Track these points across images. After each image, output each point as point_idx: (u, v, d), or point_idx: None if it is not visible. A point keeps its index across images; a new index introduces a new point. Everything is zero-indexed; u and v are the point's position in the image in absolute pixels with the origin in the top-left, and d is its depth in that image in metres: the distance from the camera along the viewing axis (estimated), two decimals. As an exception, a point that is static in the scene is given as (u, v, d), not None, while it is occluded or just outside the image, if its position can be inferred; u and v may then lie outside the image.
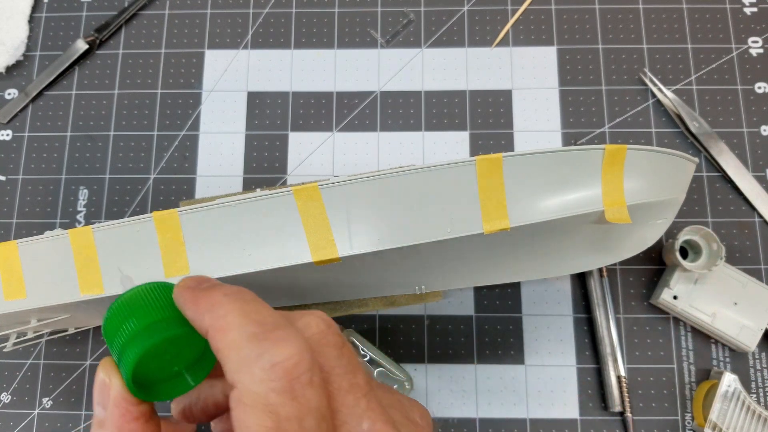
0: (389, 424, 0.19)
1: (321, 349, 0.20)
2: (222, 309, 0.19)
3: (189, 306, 0.20)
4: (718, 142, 0.43)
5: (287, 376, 0.17)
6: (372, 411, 0.19)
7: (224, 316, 0.19)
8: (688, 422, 0.39)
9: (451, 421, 0.40)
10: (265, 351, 0.18)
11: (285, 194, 0.27)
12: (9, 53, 0.46)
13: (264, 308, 0.20)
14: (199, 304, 0.20)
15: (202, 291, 0.20)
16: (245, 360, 0.18)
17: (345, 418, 0.19)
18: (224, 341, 0.18)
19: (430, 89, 0.46)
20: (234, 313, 0.19)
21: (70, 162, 0.45)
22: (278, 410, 0.17)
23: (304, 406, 0.18)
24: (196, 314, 0.20)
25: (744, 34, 0.46)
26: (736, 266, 0.40)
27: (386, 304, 0.39)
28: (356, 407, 0.19)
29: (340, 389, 0.19)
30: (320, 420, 0.18)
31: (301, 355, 0.18)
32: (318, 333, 0.20)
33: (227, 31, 0.47)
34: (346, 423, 0.19)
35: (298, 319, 0.20)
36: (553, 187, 0.28)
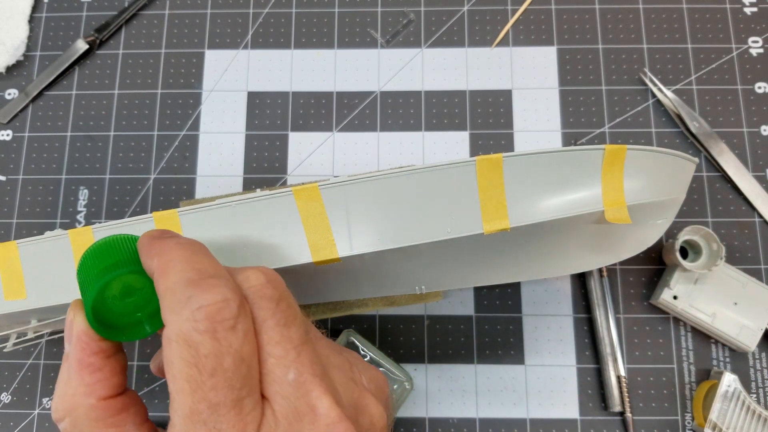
0: (317, 377, 0.20)
1: (257, 301, 0.21)
2: (168, 254, 0.21)
3: (144, 251, 0.22)
4: (718, 142, 0.43)
5: (210, 319, 0.19)
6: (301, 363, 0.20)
7: (168, 261, 0.20)
8: (688, 422, 0.39)
9: (451, 421, 0.40)
10: (194, 295, 0.19)
11: (285, 194, 0.27)
12: (9, 53, 0.46)
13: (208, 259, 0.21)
14: (152, 249, 0.21)
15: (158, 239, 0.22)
16: (177, 301, 0.19)
17: (272, 368, 0.20)
18: (164, 284, 0.20)
19: (430, 89, 0.46)
20: (177, 259, 0.20)
21: (70, 162, 0.45)
22: (198, 347, 0.19)
23: (224, 347, 0.19)
24: (147, 258, 0.22)
25: (744, 34, 0.46)
26: (736, 266, 0.40)
27: (386, 304, 0.39)
28: (284, 358, 0.20)
29: (270, 340, 0.20)
30: (239, 362, 0.19)
31: (227, 302, 0.19)
32: (256, 286, 0.21)
33: (227, 31, 0.47)
34: (273, 372, 0.20)
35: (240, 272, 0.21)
36: (553, 187, 0.28)
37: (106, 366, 0.22)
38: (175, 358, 0.19)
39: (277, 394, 0.20)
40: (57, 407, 0.22)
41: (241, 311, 0.20)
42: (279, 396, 0.20)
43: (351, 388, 0.22)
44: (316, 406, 0.20)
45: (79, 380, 0.21)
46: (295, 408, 0.20)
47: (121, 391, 0.22)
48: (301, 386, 0.20)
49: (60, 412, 0.21)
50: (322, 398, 0.20)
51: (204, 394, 0.19)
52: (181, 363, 0.19)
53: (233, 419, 0.19)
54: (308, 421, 0.20)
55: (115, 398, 0.22)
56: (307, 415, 0.20)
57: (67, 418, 0.21)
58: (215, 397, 0.19)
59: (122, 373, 0.22)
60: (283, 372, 0.20)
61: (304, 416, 0.20)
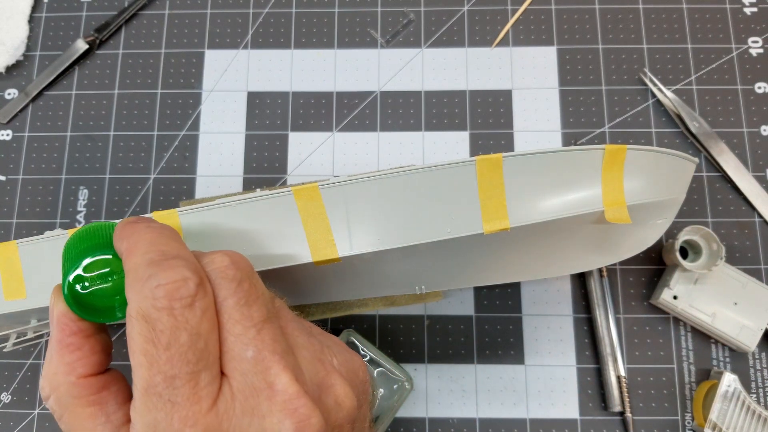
0: (277, 354, 0.21)
1: (219, 282, 0.21)
2: (136, 236, 0.22)
3: (116, 234, 0.23)
4: (718, 142, 0.43)
5: (167, 297, 0.19)
6: (260, 341, 0.21)
7: (135, 243, 0.21)
8: (688, 422, 0.39)
9: (451, 421, 0.40)
10: (154, 273, 0.20)
11: (285, 194, 0.27)
12: (9, 53, 0.46)
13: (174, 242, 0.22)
14: (123, 232, 0.22)
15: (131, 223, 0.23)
16: (138, 279, 0.20)
17: (231, 345, 0.20)
18: (129, 263, 0.21)
19: (430, 89, 0.46)
20: (143, 241, 0.21)
21: (70, 162, 0.45)
22: (155, 323, 0.19)
23: (180, 323, 0.19)
24: (118, 241, 0.22)
25: (744, 34, 0.46)
26: (736, 266, 0.40)
27: (386, 304, 0.39)
28: (243, 336, 0.21)
29: (230, 318, 0.21)
30: (196, 337, 0.20)
31: (185, 281, 0.20)
32: (219, 267, 0.21)
33: (227, 31, 0.47)
34: (232, 350, 0.20)
35: (206, 256, 0.22)
36: (553, 187, 0.28)
37: (86, 345, 0.22)
38: (134, 333, 0.20)
39: (235, 370, 0.20)
40: (43, 385, 0.22)
41: (199, 290, 0.20)
42: (237, 372, 0.20)
43: (317, 367, 0.22)
44: (274, 383, 0.20)
45: (59, 359, 0.22)
46: (252, 384, 0.20)
47: (102, 370, 0.23)
48: (259, 363, 0.20)
49: (46, 390, 0.22)
50: (281, 375, 0.20)
51: (159, 367, 0.19)
52: (139, 338, 0.19)
53: (188, 392, 0.19)
54: (265, 397, 0.20)
55: (96, 376, 0.22)
56: (264, 391, 0.20)
57: (52, 396, 0.22)
58: (170, 370, 0.19)
59: (103, 352, 0.23)
60: (242, 349, 0.20)
61: (261, 392, 0.20)
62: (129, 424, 0.21)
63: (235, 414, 0.20)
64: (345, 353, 0.25)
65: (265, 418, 0.20)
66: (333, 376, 0.23)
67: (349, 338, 0.38)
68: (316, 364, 0.23)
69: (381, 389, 0.38)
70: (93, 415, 0.21)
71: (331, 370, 0.23)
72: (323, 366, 0.23)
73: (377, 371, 0.38)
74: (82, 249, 0.23)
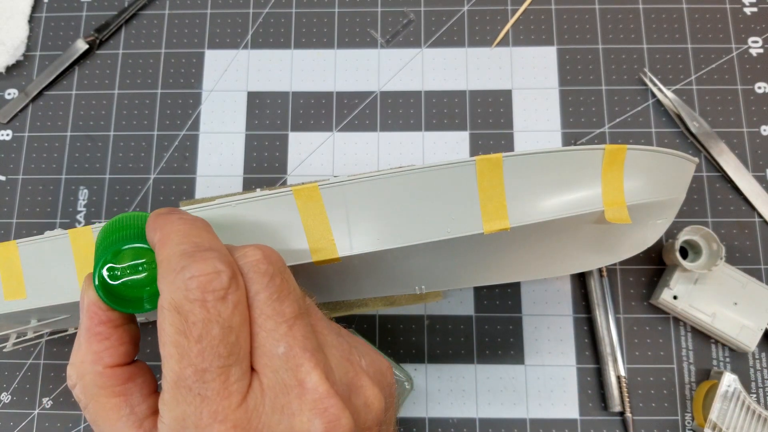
0: (308, 351, 0.20)
1: (251, 276, 0.21)
2: (169, 228, 0.22)
3: (149, 225, 0.23)
4: (718, 142, 0.43)
5: (201, 288, 0.19)
6: (292, 337, 0.20)
7: (168, 234, 0.21)
8: (688, 422, 0.39)
9: (451, 421, 0.40)
10: (188, 265, 0.20)
11: (285, 194, 0.27)
12: (9, 53, 0.46)
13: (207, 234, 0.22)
14: (156, 223, 0.22)
15: (163, 214, 0.23)
16: (171, 271, 0.20)
17: (263, 341, 0.20)
18: (162, 254, 0.21)
19: (430, 89, 0.46)
20: (176, 233, 0.21)
21: (70, 162, 0.45)
22: (187, 315, 0.19)
23: (213, 315, 0.19)
24: (150, 232, 0.22)
25: (744, 34, 0.46)
26: (736, 266, 0.40)
27: (386, 304, 0.39)
28: (275, 331, 0.20)
29: (262, 314, 0.20)
30: (227, 331, 0.19)
31: (218, 274, 0.20)
32: (252, 261, 0.21)
33: (227, 31, 0.47)
34: (263, 345, 0.20)
35: (239, 249, 0.22)
36: (553, 187, 0.28)
37: (114, 335, 0.22)
38: (166, 325, 0.19)
39: (266, 366, 0.20)
40: (70, 373, 0.22)
41: (232, 283, 0.20)
42: (267, 369, 0.20)
43: (346, 367, 0.22)
44: (305, 380, 0.20)
45: (87, 348, 0.22)
46: (283, 381, 0.20)
47: (129, 361, 0.23)
48: (290, 360, 0.20)
49: (72, 378, 0.22)
50: (312, 373, 0.20)
51: (190, 360, 0.19)
52: (170, 329, 0.19)
53: (218, 386, 0.19)
54: (295, 395, 0.20)
55: (122, 367, 0.22)
56: (294, 389, 0.20)
57: (78, 384, 0.22)
58: (201, 363, 0.19)
59: (131, 343, 0.23)
60: (273, 345, 0.20)
61: (292, 389, 0.20)
62: (153, 416, 0.21)
63: (264, 411, 0.20)
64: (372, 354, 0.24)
65: (295, 416, 0.20)
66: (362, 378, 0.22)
67: (349, 338, 0.38)
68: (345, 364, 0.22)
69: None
70: (118, 406, 0.21)
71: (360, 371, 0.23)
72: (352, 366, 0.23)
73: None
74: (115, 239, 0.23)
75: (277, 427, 0.19)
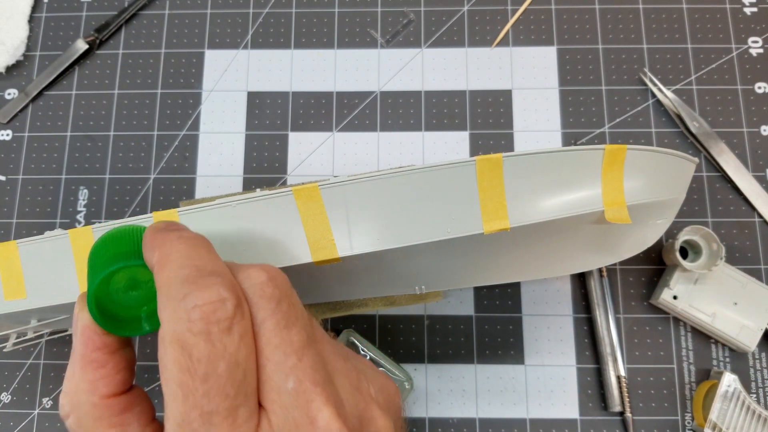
0: (319, 386, 0.19)
1: (257, 301, 0.20)
2: (168, 248, 0.20)
3: (146, 243, 0.21)
4: (718, 142, 0.43)
5: (205, 319, 0.18)
6: (301, 370, 0.19)
7: (168, 255, 0.20)
8: (688, 422, 0.39)
9: (451, 421, 0.40)
10: (190, 293, 0.18)
11: (285, 194, 0.27)
12: (9, 53, 0.46)
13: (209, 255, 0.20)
14: (154, 242, 0.21)
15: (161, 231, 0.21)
16: (172, 299, 0.19)
17: (271, 374, 0.19)
18: (161, 278, 0.20)
19: (430, 89, 0.46)
20: (177, 254, 0.20)
21: (70, 162, 0.45)
22: (192, 350, 0.18)
23: (219, 350, 0.18)
24: (148, 251, 0.21)
25: (744, 34, 0.46)
26: (736, 266, 0.40)
27: (386, 304, 0.39)
28: (284, 363, 0.19)
29: (269, 343, 0.19)
30: (234, 367, 0.18)
31: (223, 302, 0.18)
32: (257, 284, 0.20)
33: (227, 31, 0.47)
34: (272, 379, 0.19)
35: (242, 270, 0.20)
36: (553, 187, 0.28)
37: (110, 362, 0.21)
38: (168, 361, 0.18)
39: (274, 403, 0.19)
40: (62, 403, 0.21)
41: (237, 312, 0.19)
42: (277, 406, 0.19)
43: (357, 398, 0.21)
44: (316, 418, 0.19)
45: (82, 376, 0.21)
46: (294, 419, 0.19)
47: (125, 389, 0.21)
48: (300, 395, 0.19)
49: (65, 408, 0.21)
50: (323, 410, 0.19)
51: (196, 401, 0.18)
52: (174, 367, 0.18)
53: (226, 430, 0.18)
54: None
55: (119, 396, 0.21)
56: (305, 427, 0.19)
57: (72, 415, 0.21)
58: (207, 405, 0.18)
59: (127, 369, 0.21)
60: (282, 379, 0.19)
61: (303, 428, 0.19)
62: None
63: None
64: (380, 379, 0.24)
65: None
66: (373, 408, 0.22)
67: (349, 338, 0.38)
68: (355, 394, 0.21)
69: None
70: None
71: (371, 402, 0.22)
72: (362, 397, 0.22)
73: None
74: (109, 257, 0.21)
75: None
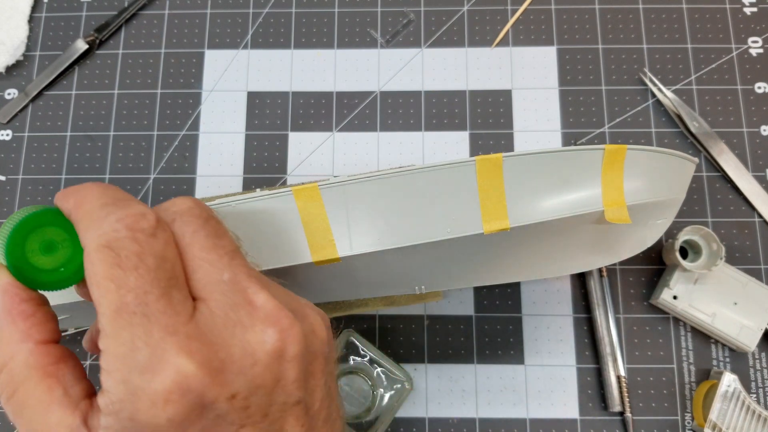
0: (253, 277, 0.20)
1: (186, 219, 0.21)
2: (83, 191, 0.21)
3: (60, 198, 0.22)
4: (718, 142, 0.43)
5: (129, 228, 0.19)
6: (236, 266, 0.20)
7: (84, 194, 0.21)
8: (688, 422, 0.39)
9: (451, 421, 0.40)
10: (111, 212, 0.20)
11: (285, 194, 0.27)
12: (9, 53, 0.46)
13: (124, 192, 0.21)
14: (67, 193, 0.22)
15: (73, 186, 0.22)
16: (95, 220, 0.20)
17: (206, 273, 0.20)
18: (80, 212, 0.20)
19: (430, 89, 0.46)
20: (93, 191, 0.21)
21: (70, 162, 0.45)
22: (120, 250, 0.19)
23: (146, 248, 0.19)
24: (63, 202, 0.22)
25: (744, 34, 0.46)
26: (736, 266, 0.40)
27: (386, 304, 0.39)
28: (218, 262, 0.20)
29: (203, 248, 0.20)
30: (162, 260, 0.19)
31: (144, 215, 0.20)
32: (184, 208, 0.21)
33: (227, 31, 0.47)
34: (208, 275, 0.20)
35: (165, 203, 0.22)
36: (553, 187, 0.28)
37: (39, 312, 0.21)
38: (96, 264, 0.19)
39: (212, 292, 0.20)
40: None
41: (159, 224, 0.20)
42: (215, 294, 0.20)
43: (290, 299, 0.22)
44: (254, 300, 0.20)
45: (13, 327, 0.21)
46: (233, 301, 0.20)
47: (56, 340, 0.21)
48: (237, 284, 0.20)
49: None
50: (260, 293, 0.20)
51: (129, 287, 0.19)
52: (103, 266, 0.19)
53: (163, 306, 0.19)
54: (246, 312, 0.20)
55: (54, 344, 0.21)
56: (244, 307, 0.20)
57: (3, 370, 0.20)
58: (141, 286, 0.19)
59: (55, 321, 0.22)
60: (218, 273, 0.20)
61: (241, 307, 0.20)
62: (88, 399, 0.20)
63: (216, 326, 0.19)
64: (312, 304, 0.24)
65: (248, 329, 0.20)
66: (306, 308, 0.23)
67: (349, 338, 0.38)
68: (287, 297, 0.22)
69: (381, 389, 0.38)
70: (50, 388, 0.20)
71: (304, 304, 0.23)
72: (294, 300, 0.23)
73: (377, 371, 0.38)
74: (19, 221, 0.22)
75: (232, 340, 0.19)
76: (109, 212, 0.20)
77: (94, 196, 0.21)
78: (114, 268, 0.19)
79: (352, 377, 0.38)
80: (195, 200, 0.22)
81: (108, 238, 0.19)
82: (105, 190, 0.21)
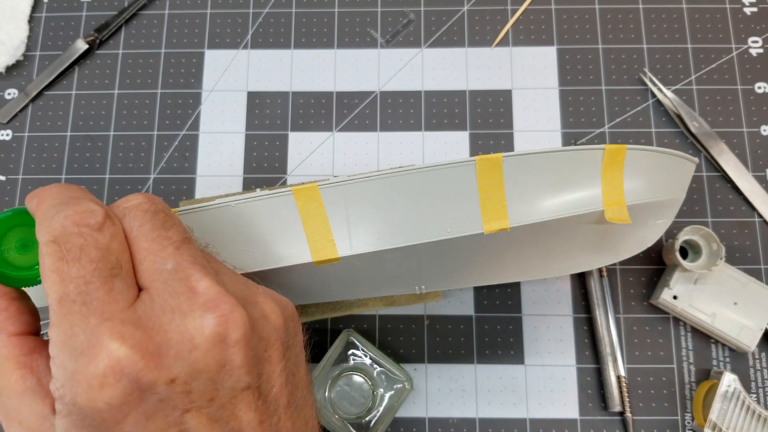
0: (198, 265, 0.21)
1: (134, 213, 0.22)
2: (45, 192, 0.22)
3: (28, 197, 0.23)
4: (718, 142, 0.43)
5: (76, 223, 0.20)
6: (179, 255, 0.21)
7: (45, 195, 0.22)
8: (688, 422, 0.39)
9: (451, 421, 0.40)
10: (61, 210, 0.21)
11: (285, 194, 0.27)
12: (9, 53, 0.46)
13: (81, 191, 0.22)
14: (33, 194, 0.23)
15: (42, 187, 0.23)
16: (47, 218, 0.21)
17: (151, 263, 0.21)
18: (38, 212, 0.21)
19: (430, 89, 0.46)
20: (51, 191, 0.22)
21: (70, 162, 0.45)
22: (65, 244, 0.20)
23: (90, 242, 0.20)
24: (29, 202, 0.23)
25: (744, 34, 0.46)
26: (736, 266, 0.40)
27: (386, 304, 0.39)
28: (162, 252, 0.21)
29: (147, 239, 0.21)
30: (106, 252, 0.20)
31: (92, 211, 0.20)
32: (134, 204, 0.22)
33: (227, 31, 0.47)
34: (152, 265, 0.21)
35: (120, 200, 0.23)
36: (553, 187, 0.28)
37: (12, 306, 0.22)
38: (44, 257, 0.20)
39: (154, 281, 0.20)
40: None
41: (107, 219, 0.21)
42: (156, 282, 0.20)
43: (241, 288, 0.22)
44: (195, 287, 0.20)
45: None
46: (173, 289, 0.20)
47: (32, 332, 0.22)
48: (179, 272, 0.20)
49: None
50: (202, 280, 0.20)
51: (71, 278, 0.19)
52: (49, 259, 0.20)
53: (103, 295, 0.19)
54: (185, 299, 0.20)
55: (27, 336, 0.22)
56: (184, 294, 0.20)
57: None
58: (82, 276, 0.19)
59: (31, 313, 0.23)
60: (162, 263, 0.21)
61: (182, 294, 0.20)
62: None
63: (154, 312, 0.20)
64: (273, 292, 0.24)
65: (186, 315, 0.20)
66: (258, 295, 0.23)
67: (349, 338, 0.38)
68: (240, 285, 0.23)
69: (381, 389, 0.38)
70: (23, 377, 0.21)
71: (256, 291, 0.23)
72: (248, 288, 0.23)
73: (377, 371, 0.38)
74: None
75: (168, 325, 0.20)
76: (59, 210, 0.20)
77: (51, 196, 0.22)
78: (59, 261, 0.19)
79: (352, 377, 0.38)
80: (146, 195, 0.22)
81: (55, 233, 0.20)
82: (62, 190, 0.22)
